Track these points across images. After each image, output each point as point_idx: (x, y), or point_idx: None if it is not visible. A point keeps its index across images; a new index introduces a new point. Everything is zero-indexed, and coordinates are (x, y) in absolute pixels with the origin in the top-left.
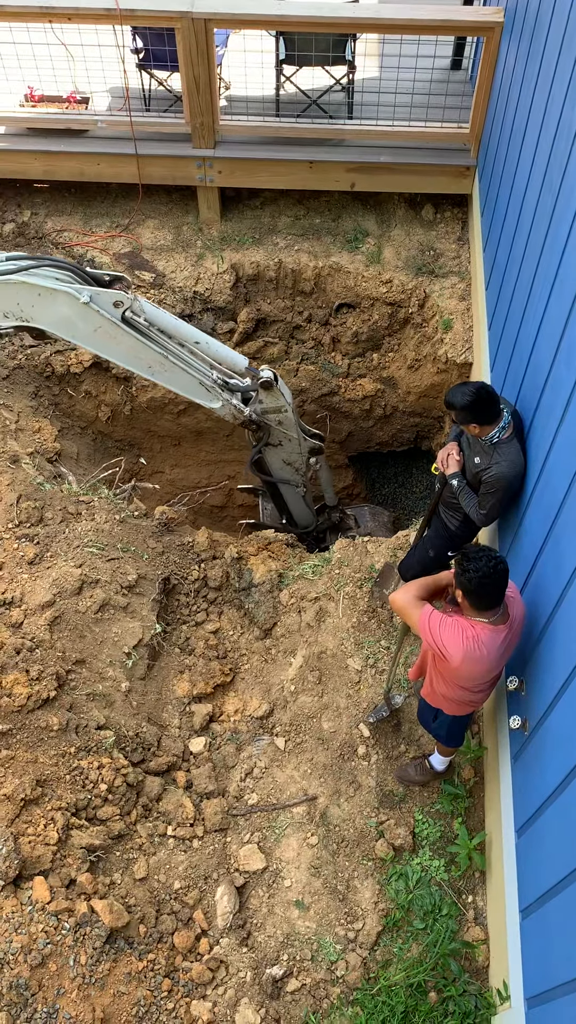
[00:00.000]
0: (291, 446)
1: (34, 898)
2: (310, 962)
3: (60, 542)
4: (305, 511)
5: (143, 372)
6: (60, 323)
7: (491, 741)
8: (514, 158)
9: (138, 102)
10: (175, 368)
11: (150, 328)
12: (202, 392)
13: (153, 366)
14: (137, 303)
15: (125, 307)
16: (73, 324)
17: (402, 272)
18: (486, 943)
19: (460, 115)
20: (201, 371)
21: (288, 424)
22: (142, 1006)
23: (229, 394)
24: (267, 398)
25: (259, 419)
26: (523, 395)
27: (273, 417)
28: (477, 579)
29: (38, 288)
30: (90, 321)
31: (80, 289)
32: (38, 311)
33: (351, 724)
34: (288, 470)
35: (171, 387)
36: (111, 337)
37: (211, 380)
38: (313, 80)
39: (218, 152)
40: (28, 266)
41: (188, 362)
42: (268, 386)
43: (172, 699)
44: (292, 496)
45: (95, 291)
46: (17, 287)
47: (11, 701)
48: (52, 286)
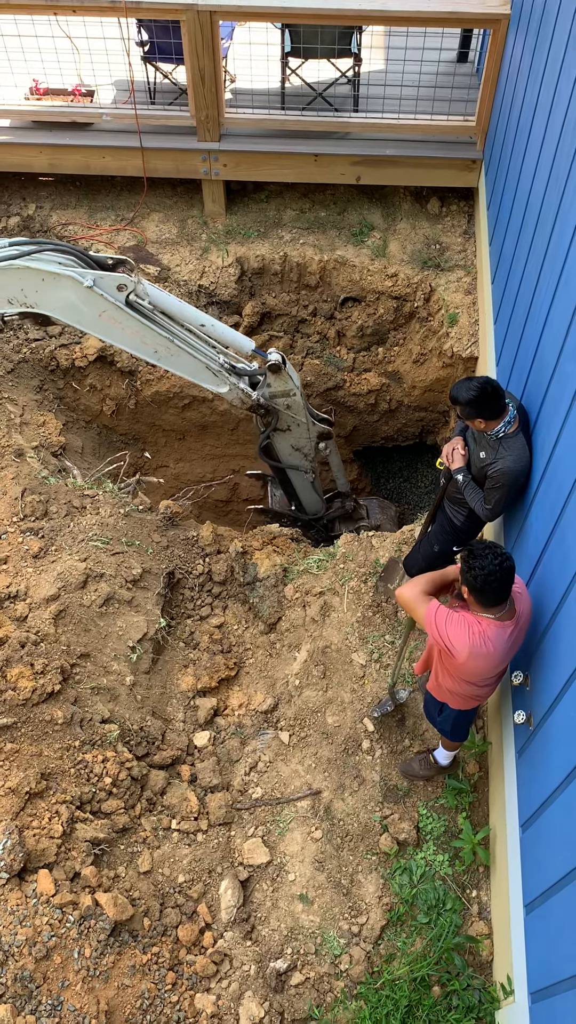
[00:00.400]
0: (300, 431)
1: (39, 891)
2: (314, 956)
3: (65, 536)
4: (314, 497)
5: (149, 357)
6: (64, 308)
7: (496, 736)
8: (520, 151)
9: (143, 95)
10: (181, 352)
11: (155, 312)
12: (209, 376)
13: (159, 351)
14: (141, 286)
15: (129, 290)
16: (77, 309)
17: (408, 266)
18: (490, 938)
19: (466, 108)
20: (208, 355)
21: (296, 408)
22: (146, 999)
23: (236, 378)
24: (275, 381)
25: (267, 403)
26: (529, 389)
27: (281, 401)
28: (483, 577)
29: (42, 273)
30: (94, 305)
31: (83, 273)
32: (42, 296)
33: (355, 719)
34: (297, 456)
35: (177, 371)
36: (116, 321)
37: (218, 364)
38: (319, 73)
39: (223, 145)
40: (31, 251)
41: (194, 346)
42: (276, 369)
43: (176, 693)
44: (301, 482)
45: (99, 275)
46: (20, 272)
47: (16, 695)
48: (55, 270)
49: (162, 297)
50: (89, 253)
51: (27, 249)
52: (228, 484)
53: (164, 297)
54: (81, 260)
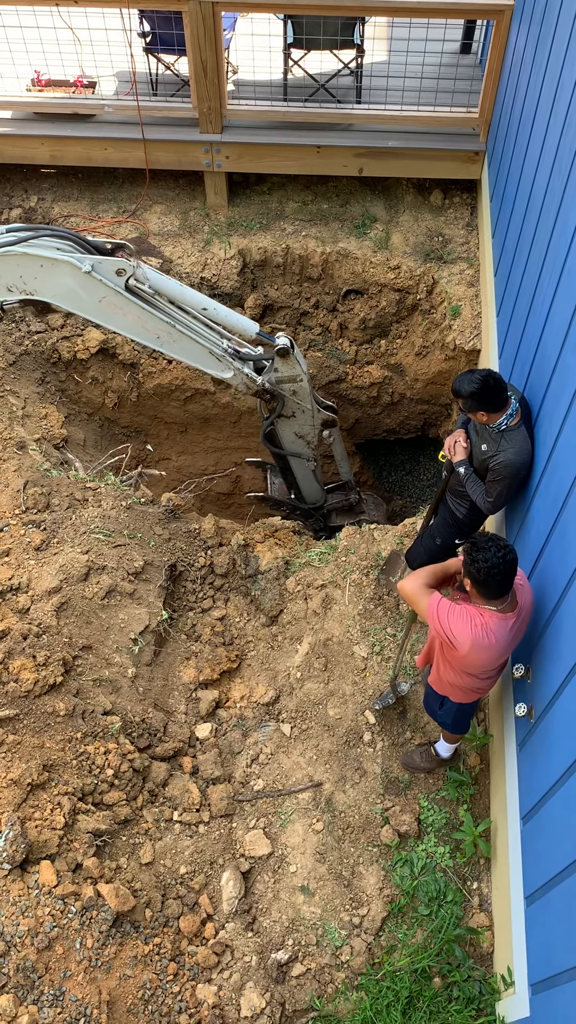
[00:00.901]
0: (304, 418)
1: (41, 882)
2: (315, 947)
3: (67, 528)
4: (315, 486)
5: (151, 343)
6: (64, 295)
7: (497, 728)
8: (524, 143)
9: (145, 86)
10: (183, 337)
11: (155, 296)
12: (212, 362)
13: (161, 336)
14: (140, 270)
15: (128, 275)
16: (77, 295)
17: (410, 258)
18: (491, 929)
19: (469, 99)
20: (211, 340)
21: (303, 394)
22: (148, 989)
23: (241, 363)
24: (283, 366)
25: (273, 388)
26: (531, 382)
27: (288, 387)
28: (486, 569)
29: (39, 259)
30: (94, 291)
31: (82, 258)
32: (41, 283)
33: (357, 711)
34: (300, 443)
35: (180, 357)
36: (116, 307)
37: (221, 349)
38: (321, 64)
39: (225, 137)
40: (28, 236)
41: (197, 331)
42: (284, 353)
43: (178, 685)
44: (302, 471)
45: (97, 259)
46: (18, 259)
47: (18, 686)
48: (53, 256)
49: (162, 281)
50: (87, 238)
51: (24, 235)
52: (230, 477)
53: (164, 281)
54: (79, 245)
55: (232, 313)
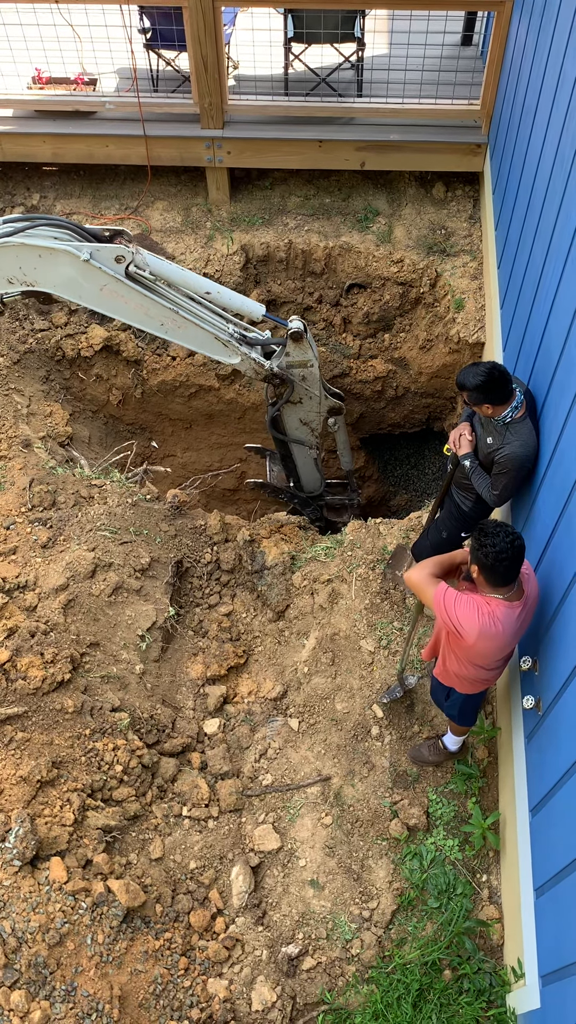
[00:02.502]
0: (311, 404)
1: (51, 878)
2: (325, 940)
3: (73, 526)
4: (314, 475)
5: (156, 331)
6: (65, 284)
7: (505, 721)
8: (526, 135)
9: (146, 83)
10: (188, 324)
11: (156, 282)
12: (218, 348)
13: (165, 323)
14: (140, 256)
15: (128, 261)
16: (78, 284)
17: (413, 251)
18: (500, 922)
19: (471, 92)
20: (216, 325)
21: (312, 380)
22: (159, 984)
23: (248, 348)
24: (295, 350)
25: (282, 372)
26: (536, 374)
27: (298, 372)
28: (494, 554)
29: (38, 249)
30: (94, 280)
31: (80, 246)
32: (41, 273)
33: (364, 705)
34: (304, 430)
35: (186, 344)
36: (118, 295)
37: (227, 334)
38: (322, 58)
39: (227, 132)
40: (25, 227)
41: (201, 316)
42: (298, 337)
43: (186, 681)
44: (303, 458)
45: (95, 247)
46: (16, 250)
47: (26, 684)
48: (51, 245)
49: (163, 266)
50: (84, 226)
51: (21, 226)
52: (235, 473)
53: (165, 266)
54: (77, 234)
55: (237, 296)
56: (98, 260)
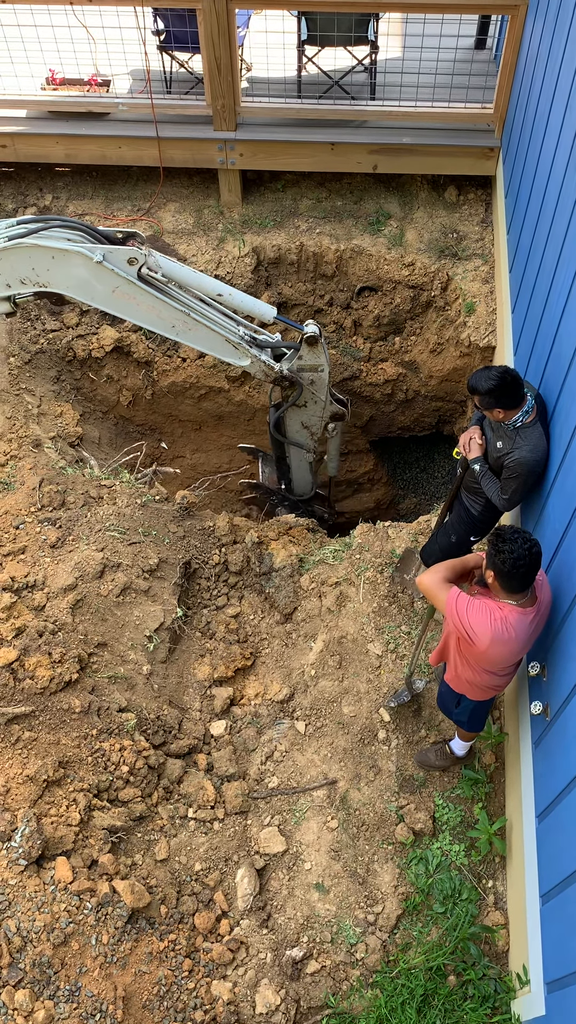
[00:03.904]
0: (315, 409)
1: (57, 878)
2: (330, 944)
3: (82, 526)
4: (307, 478)
5: (167, 332)
6: (77, 286)
7: (512, 726)
8: (539, 138)
9: (159, 84)
10: (198, 326)
11: (168, 284)
12: (229, 350)
13: (176, 325)
14: (152, 258)
15: (140, 263)
16: (90, 286)
17: (425, 255)
18: (506, 927)
19: (484, 95)
20: (227, 328)
21: (320, 385)
22: (163, 985)
23: (258, 350)
24: (308, 354)
25: (293, 375)
26: (547, 379)
27: (308, 376)
28: (511, 561)
29: (51, 250)
30: (107, 281)
31: (93, 248)
32: (54, 275)
33: (371, 709)
34: (304, 434)
35: (197, 346)
36: (130, 297)
37: (238, 337)
38: (335, 61)
39: (239, 134)
40: (38, 228)
41: (212, 319)
42: (313, 341)
43: (193, 682)
44: (299, 461)
45: (108, 249)
46: (30, 251)
47: (34, 683)
48: (64, 247)
49: (175, 268)
50: (98, 228)
51: (34, 227)
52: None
53: (177, 268)
54: (90, 235)
55: (248, 298)
56: (111, 262)
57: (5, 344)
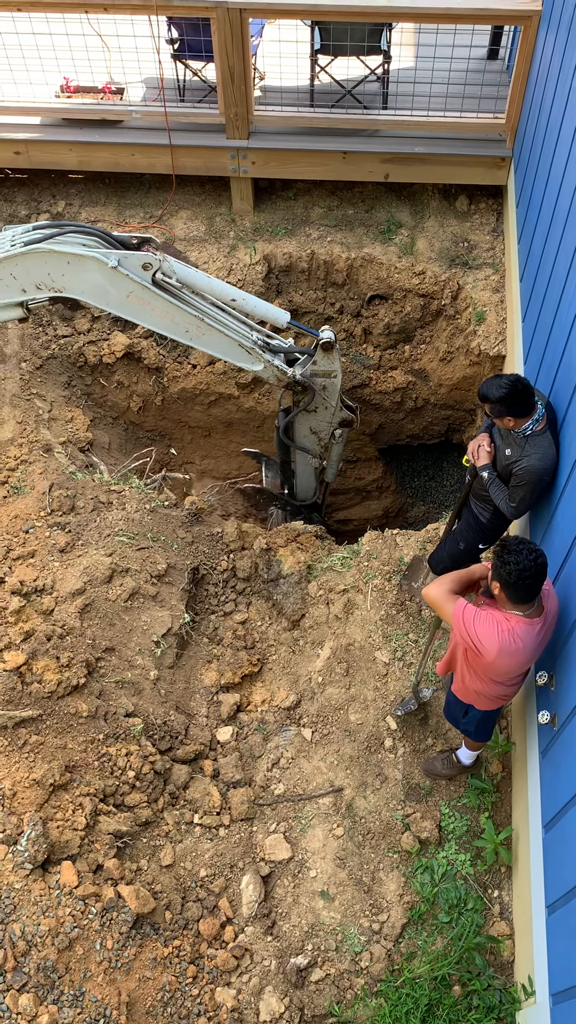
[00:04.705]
0: (325, 415)
1: (62, 882)
2: (334, 952)
3: (91, 531)
4: (311, 484)
5: (181, 337)
6: (92, 291)
7: (519, 736)
8: (551, 149)
9: (172, 92)
10: (212, 331)
11: (182, 289)
12: (242, 354)
13: (190, 330)
14: (167, 264)
15: (155, 269)
16: (105, 291)
17: (435, 264)
18: (511, 938)
19: (496, 105)
20: (240, 333)
21: (332, 391)
22: (167, 991)
23: (271, 355)
24: (323, 360)
25: (305, 380)
26: (557, 388)
27: (320, 381)
28: (517, 572)
29: (66, 256)
30: (121, 287)
31: (108, 253)
32: (69, 280)
33: (378, 717)
34: (311, 439)
35: (210, 351)
36: (144, 302)
37: (251, 342)
38: (348, 70)
39: (252, 143)
40: (53, 234)
41: (225, 324)
42: (329, 347)
43: (200, 688)
44: (304, 466)
45: (123, 254)
46: (45, 256)
47: (41, 687)
48: (79, 252)
49: (190, 274)
50: (112, 233)
51: (50, 232)
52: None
53: (191, 273)
54: (105, 241)
55: (261, 303)
56: (126, 267)
57: (17, 349)
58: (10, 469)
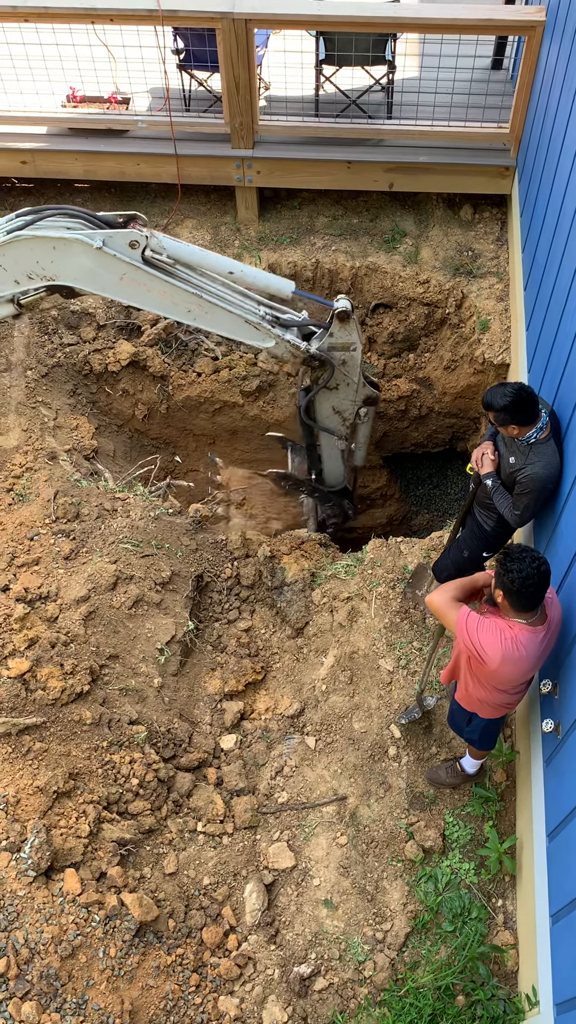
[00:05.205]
0: (347, 392)
1: (65, 890)
2: (338, 961)
3: (96, 538)
4: (339, 468)
5: (184, 318)
6: (84, 276)
7: (523, 744)
8: (555, 158)
9: (178, 102)
10: (215, 308)
11: (175, 266)
12: (250, 331)
13: (192, 310)
14: (155, 240)
15: (143, 246)
16: (97, 275)
17: (439, 272)
18: (515, 947)
19: (500, 115)
20: (245, 308)
21: (352, 365)
22: (170, 1000)
23: (282, 330)
24: (340, 331)
25: (323, 355)
26: (560, 396)
27: (339, 355)
28: (520, 580)
29: (51, 240)
30: (112, 269)
31: (92, 234)
32: (58, 266)
33: (382, 725)
34: (335, 419)
35: (215, 330)
36: (139, 283)
37: (258, 317)
38: (353, 80)
39: (257, 152)
40: (34, 219)
41: (228, 300)
42: (345, 316)
43: (204, 696)
44: (330, 449)
45: (107, 234)
46: (30, 243)
47: (45, 694)
48: (63, 236)
49: (181, 248)
50: (96, 214)
51: (30, 218)
52: None
53: (182, 247)
54: (89, 221)
55: (262, 273)
56: (112, 247)
57: (23, 357)
58: (15, 476)
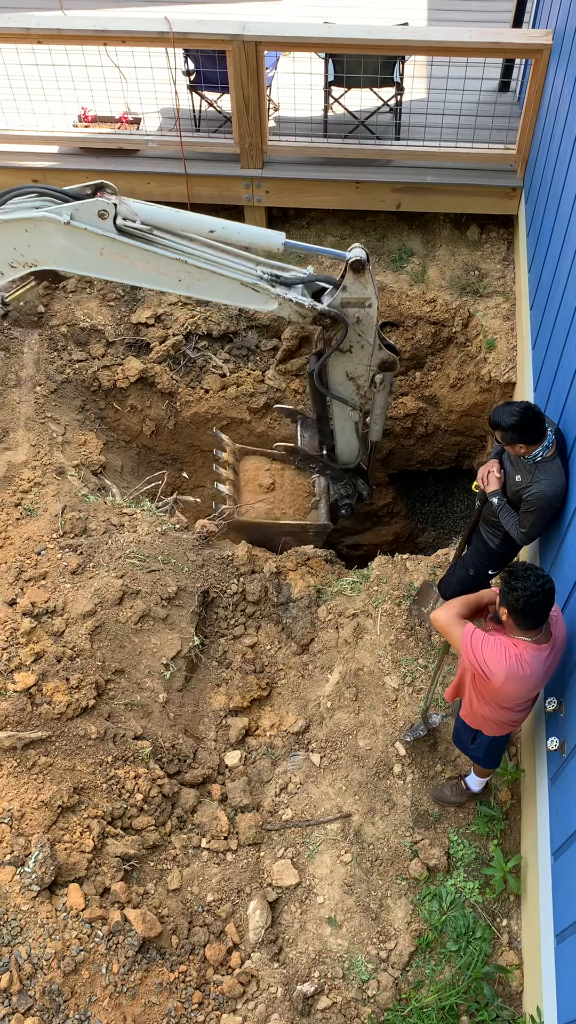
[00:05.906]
0: (361, 355)
1: (68, 905)
2: (341, 980)
3: (103, 553)
4: (352, 443)
5: (175, 288)
6: (62, 256)
7: (528, 763)
8: (561, 179)
9: (188, 123)
10: (206, 274)
11: (153, 232)
12: (248, 295)
13: (183, 278)
14: (124, 206)
15: (112, 215)
16: (75, 253)
17: (446, 291)
18: (520, 968)
19: (507, 136)
20: (239, 269)
21: (367, 324)
22: (172, 1017)
23: (284, 289)
24: (354, 284)
25: (335, 312)
26: (566, 414)
27: (354, 312)
28: (524, 598)
29: (21, 223)
30: (89, 244)
31: (59, 209)
32: (36, 249)
33: (387, 742)
34: (349, 387)
35: (212, 297)
36: (120, 256)
37: (254, 277)
38: (361, 101)
39: (266, 172)
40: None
41: (217, 262)
42: (360, 267)
43: (209, 712)
44: (343, 421)
45: (74, 206)
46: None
47: (51, 708)
48: (31, 215)
49: (154, 211)
50: (63, 188)
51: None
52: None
53: (156, 210)
54: (56, 197)
55: (247, 227)
56: (81, 220)
57: (32, 373)
58: (24, 491)
